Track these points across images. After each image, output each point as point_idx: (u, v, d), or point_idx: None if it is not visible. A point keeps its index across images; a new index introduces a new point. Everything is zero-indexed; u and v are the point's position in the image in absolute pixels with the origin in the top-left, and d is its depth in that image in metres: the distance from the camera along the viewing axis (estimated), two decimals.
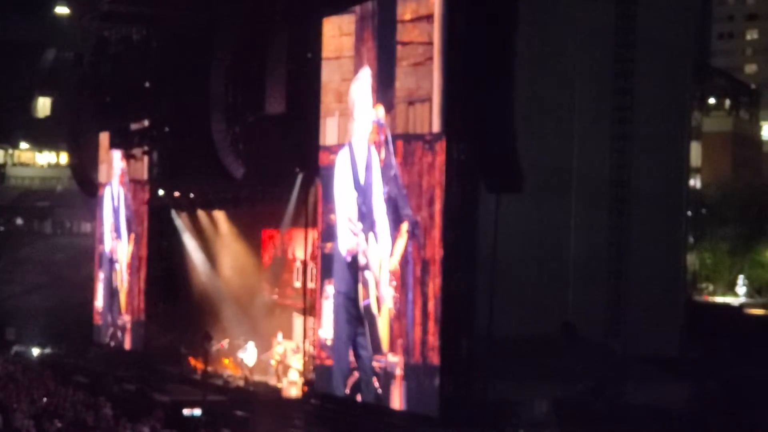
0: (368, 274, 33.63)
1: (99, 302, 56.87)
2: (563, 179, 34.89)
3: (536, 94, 33.49)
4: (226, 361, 43.53)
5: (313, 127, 36.88)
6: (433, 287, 30.59)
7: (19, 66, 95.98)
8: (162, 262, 50.25)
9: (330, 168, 36.01)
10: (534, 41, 32.66)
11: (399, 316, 32.00)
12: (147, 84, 50.62)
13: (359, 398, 33.84)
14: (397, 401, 32.05)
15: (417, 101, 31.76)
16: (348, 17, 35.53)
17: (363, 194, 34.13)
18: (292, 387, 38.48)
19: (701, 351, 38.18)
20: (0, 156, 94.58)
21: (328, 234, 36.12)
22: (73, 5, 61.40)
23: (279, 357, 40.98)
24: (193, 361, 44.06)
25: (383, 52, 33.55)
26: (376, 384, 32.95)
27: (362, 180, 34.21)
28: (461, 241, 30.43)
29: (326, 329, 36.07)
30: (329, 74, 36.31)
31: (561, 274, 34.80)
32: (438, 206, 30.60)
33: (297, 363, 39.28)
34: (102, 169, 56.63)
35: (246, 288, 45.54)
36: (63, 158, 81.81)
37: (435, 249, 30.63)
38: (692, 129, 46.46)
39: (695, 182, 65.72)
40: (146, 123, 50.21)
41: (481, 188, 29.94)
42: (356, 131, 34.67)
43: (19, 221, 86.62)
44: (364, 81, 34.21)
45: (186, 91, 44.28)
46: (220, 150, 40.91)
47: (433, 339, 30.48)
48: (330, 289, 35.88)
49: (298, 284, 40.90)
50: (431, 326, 30.55)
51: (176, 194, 49.68)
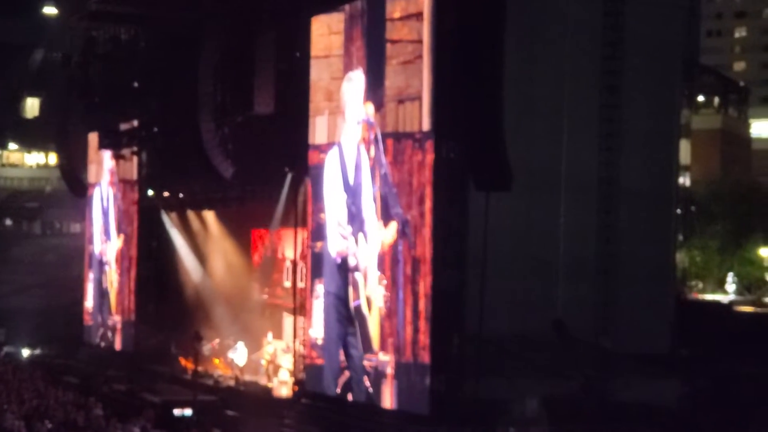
0: (358, 276, 33.68)
1: (89, 303, 56.88)
2: (552, 177, 34.88)
3: (525, 93, 33.47)
4: (217, 361, 43.55)
5: (303, 127, 36.93)
6: (424, 286, 30.63)
7: (7, 67, 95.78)
8: (152, 263, 50.29)
9: (319, 167, 36.04)
10: (523, 39, 32.68)
11: (390, 315, 32.04)
12: (136, 84, 50.67)
13: (350, 397, 33.89)
14: (388, 400, 32.10)
15: (407, 100, 31.80)
16: (337, 16, 35.55)
17: (352, 193, 34.17)
18: (283, 386, 38.53)
19: (691, 348, 38.24)
20: None
21: (318, 233, 36.15)
22: (61, 5, 61.55)
23: (269, 357, 41.02)
24: (184, 361, 44.09)
25: (373, 51, 33.59)
26: (367, 383, 33.00)
27: (352, 179, 34.24)
28: (451, 240, 30.49)
29: (317, 329, 36.10)
30: (318, 73, 36.33)
31: (551, 272, 34.80)
32: (428, 205, 30.64)
33: (287, 362, 39.30)
34: (91, 170, 56.64)
35: (236, 288, 45.60)
36: (52, 159, 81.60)
37: (425, 247, 30.67)
38: (681, 127, 46.53)
39: (684, 180, 65.87)
40: (135, 123, 50.20)
41: (471, 187, 29.97)
42: (346, 130, 34.72)
43: (8, 222, 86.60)
44: (357, 82, 34.24)
45: (175, 91, 44.31)
46: (210, 150, 40.94)
47: (424, 337, 30.52)
48: (320, 289, 35.92)
49: (288, 284, 40.95)
50: (422, 325, 30.59)
51: (166, 194, 49.75)
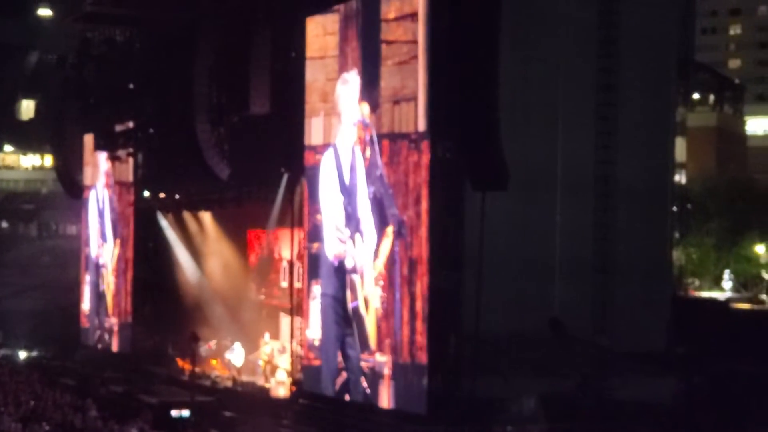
0: (355, 277, 33.72)
1: (86, 305, 56.93)
2: (548, 176, 34.89)
3: (520, 92, 33.48)
4: (214, 362, 43.59)
5: (298, 127, 36.97)
6: (421, 286, 30.70)
7: (2, 68, 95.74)
8: (148, 264, 50.30)
9: (315, 168, 36.09)
10: (518, 38, 32.68)
11: (387, 316, 32.08)
12: (131, 85, 50.66)
13: (347, 398, 33.95)
14: (386, 400, 32.16)
15: (402, 100, 31.86)
16: (332, 16, 35.62)
17: (348, 194, 34.22)
18: (280, 387, 38.54)
19: (688, 346, 38.27)
20: None
21: (315, 234, 36.21)
22: (56, 7, 61.58)
23: (267, 357, 41.04)
24: (181, 362, 44.17)
25: (368, 51, 33.66)
26: (364, 384, 33.05)
27: (347, 180, 34.30)
28: (447, 240, 30.59)
29: (314, 329, 36.15)
30: (313, 74, 36.38)
31: (547, 271, 34.81)
32: (424, 205, 30.71)
33: (285, 363, 39.34)
34: (87, 171, 56.65)
35: (233, 288, 45.65)
36: (48, 161, 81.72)
37: (422, 248, 30.73)
38: (677, 124, 46.53)
39: (680, 177, 65.91)
40: (131, 124, 50.18)
41: (467, 187, 30.05)
42: (341, 131, 34.77)
43: (4, 224, 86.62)
44: (352, 83, 34.28)
45: (170, 92, 44.32)
46: (205, 151, 40.97)
47: (421, 338, 30.58)
48: (317, 290, 35.99)
49: (285, 284, 40.98)
50: (419, 325, 30.65)
51: (162, 195, 49.79)
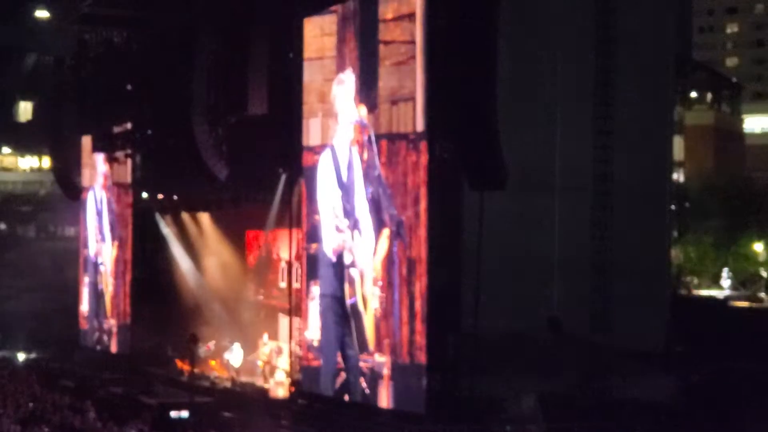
0: (354, 272, 33.76)
1: (84, 306, 56.90)
2: (546, 175, 34.98)
3: (518, 92, 33.55)
4: (213, 363, 43.61)
5: (296, 128, 36.98)
6: (420, 286, 30.71)
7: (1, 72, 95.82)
8: (147, 265, 50.29)
9: (313, 168, 36.12)
10: (515, 39, 32.75)
11: (386, 316, 32.10)
12: (129, 87, 50.61)
13: (346, 398, 33.97)
14: (385, 400, 32.18)
15: (400, 100, 31.88)
16: (329, 17, 35.61)
17: (346, 193, 34.27)
18: (279, 387, 38.59)
19: (687, 345, 38.34)
20: None
21: (313, 235, 36.24)
22: (53, 9, 61.48)
23: (265, 358, 41.09)
24: (180, 363, 44.16)
25: (365, 52, 33.65)
26: (363, 384, 33.08)
27: (345, 179, 34.35)
28: (446, 240, 30.62)
29: (313, 330, 36.16)
30: (311, 75, 36.39)
31: (546, 270, 34.89)
32: (423, 205, 30.72)
33: (284, 363, 39.37)
34: (85, 173, 56.64)
35: (231, 289, 45.71)
36: (46, 162, 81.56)
37: (421, 248, 30.74)
38: (674, 123, 46.78)
39: (678, 176, 66.11)
40: (129, 126, 50.15)
41: (465, 186, 30.11)
42: (339, 132, 34.81)
43: (2, 226, 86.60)
44: (348, 83, 34.32)
45: (168, 94, 44.30)
46: (203, 152, 40.98)
47: (420, 338, 30.59)
48: (316, 290, 35.98)
49: (284, 285, 41.02)
50: (418, 325, 30.65)
51: (160, 197, 49.86)
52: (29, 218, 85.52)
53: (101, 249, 54.68)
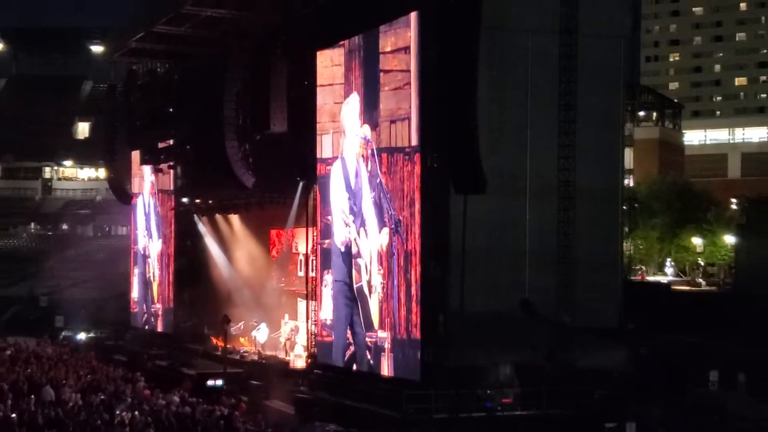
0: (360, 262, 33.82)
1: (135, 293, 57.02)
2: (519, 182, 35.00)
3: (495, 111, 33.53)
4: (243, 339, 43.70)
5: (311, 143, 37.05)
6: (415, 274, 30.79)
7: (61, 96, 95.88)
8: (187, 258, 50.36)
9: (326, 177, 36.18)
10: (493, 67, 32.74)
11: (387, 299, 32.19)
12: (170, 109, 50.71)
13: (354, 368, 34.01)
14: (386, 369, 32.25)
15: (398, 120, 31.94)
16: (338, 50, 35.70)
17: (354, 198, 34.32)
18: (298, 359, 38.67)
19: (636, 322, 38.42)
20: (47, 172, 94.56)
21: (326, 232, 36.30)
22: (106, 43, 61.40)
23: (287, 335, 41.17)
24: (215, 340, 44.21)
25: (368, 79, 33.72)
26: (369, 356, 33.16)
27: (353, 185, 34.40)
28: (436, 236, 30.57)
29: (326, 311, 36.21)
30: (323, 98, 36.47)
31: (519, 260, 34.87)
32: (417, 207, 30.79)
33: (302, 339, 39.45)
34: (134, 182, 56.76)
35: (257, 278, 45.72)
36: (101, 173, 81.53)
37: (415, 242, 30.82)
38: (625, 137, 46.66)
39: (629, 181, 66.32)
40: (171, 142, 50.27)
41: (452, 191, 30.07)
42: (347, 146, 34.88)
43: (65, 226, 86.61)
44: (354, 105, 34.40)
45: (203, 115, 44.36)
46: (233, 163, 41.00)
47: (415, 317, 30.69)
48: (329, 278, 36.03)
49: (302, 274, 40.99)
50: (414, 307, 30.74)
51: (197, 201, 49.86)
52: (87, 220, 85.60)
53: (148, 245, 54.78)
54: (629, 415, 28.45)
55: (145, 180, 54.76)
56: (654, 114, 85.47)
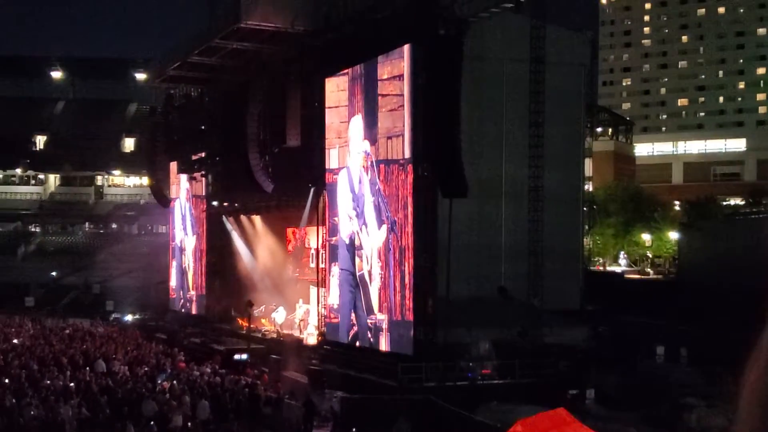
0: (362, 254, 33.85)
1: (173, 282, 56.96)
2: (496, 187, 35.12)
3: (475, 128, 33.63)
4: (264, 320, 43.66)
5: (321, 156, 37.07)
6: (408, 266, 30.85)
7: (110, 116, 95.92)
8: (216, 252, 50.28)
9: (333, 184, 36.20)
10: (473, 90, 32.78)
11: (384, 287, 32.25)
12: (202, 127, 50.74)
13: (357, 344, 34.05)
14: (384, 346, 32.31)
15: (393, 136, 32.00)
16: (343, 78, 35.74)
17: (357, 200, 34.36)
18: (310, 337, 38.69)
19: (595, 305, 38.52)
20: (99, 180, 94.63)
21: (333, 230, 36.34)
22: (148, 71, 61.51)
23: (301, 316, 41.19)
24: (241, 321, 44.21)
25: (368, 102, 33.76)
26: (369, 335, 33.20)
27: (357, 190, 34.44)
28: (426, 233, 30.66)
29: (333, 297, 36.24)
30: (331, 118, 36.49)
31: (496, 253, 34.99)
32: (410, 209, 30.85)
33: (313, 320, 39.48)
34: (172, 188, 56.70)
35: (276, 268, 45.71)
36: (144, 181, 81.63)
37: (408, 239, 30.89)
38: (585, 149, 46.74)
39: (588, 186, 66.24)
40: (203, 154, 50.29)
41: (439, 195, 30.16)
42: (351, 158, 34.91)
43: (114, 226, 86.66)
44: (357, 124, 34.44)
45: (230, 132, 44.42)
46: (255, 172, 41.09)
47: (409, 302, 30.75)
48: (335, 270, 36.06)
49: (313, 265, 41.00)
50: (407, 293, 30.82)
51: (225, 204, 49.87)
52: (133, 220, 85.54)
53: (184, 241, 54.76)
54: (589, 383, 28.54)
55: (181, 187, 54.74)
56: (609, 130, 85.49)
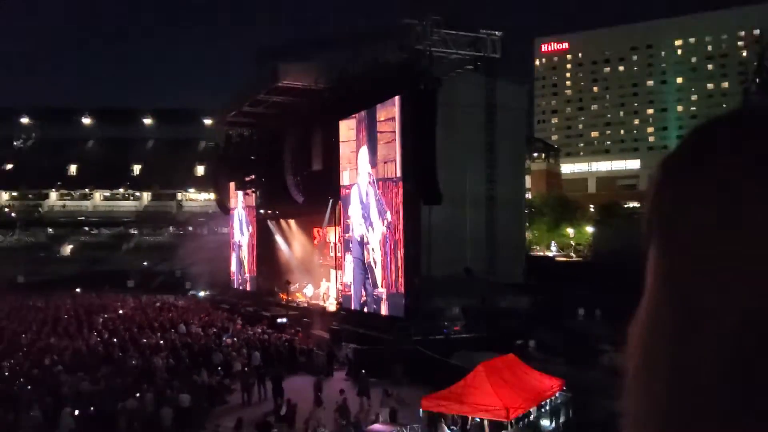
0: (369, 246, 33.77)
1: (233, 268, 56.80)
2: (461, 196, 34.99)
3: (447, 154, 33.43)
4: (298, 295, 43.61)
5: (337, 176, 37.01)
6: (400, 253, 30.80)
7: (186, 150, 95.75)
8: (264, 246, 50.15)
9: (347, 197, 36.07)
10: (445, 127, 32.64)
11: (384, 269, 32.16)
12: (252, 157, 50.68)
13: (365, 310, 34.00)
14: (384, 311, 32.22)
15: (388, 161, 31.97)
16: (352, 120, 35.66)
17: (365, 209, 34.29)
18: (331, 306, 38.62)
19: (535, 280, 38.42)
20: (179, 196, 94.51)
21: (347, 229, 36.23)
22: (213, 118, 61.52)
23: (324, 291, 41.12)
24: (281, 295, 44.18)
25: (370, 138, 33.69)
26: (374, 304, 33.11)
27: (364, 201, 34.38)
28: (412, 230, 30.62)
29: (348, 277, 36.13)
30: (344, 149, 36.35)
31: (463, 244, 34.88)
32: (401, 213, 30.82)
33: (333, 293, 39.40)
34: (232, 201, 56.63)
35: (306, 257, 45.70)
36: (212, 196, 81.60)
37: (400, 234, 30.84)
38: (526, 169, 46.75)
39: (528, 195, 66.37)
40: (253, 177, 50.23)
41: (421, 203, 30.13)
42: (360, 178, 34.82)
43: (190, 228, 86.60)
44: (363, 154, 34.38)
45: (272, 160, 44.40)
46: (290, 188, 41.20)
47: (401, 279, 30.69)
48: (349, 257, 35.95)
49: (332, 255, 41.02)
50: (400, 273, 30.76)
51: (269, 212, 49.82)
52: (204, 224, 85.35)
53: (241, 239, 54.67)
54: (530, 336, 28.42)
55: (238, 200, 54.62)
56: (542, 155, 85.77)
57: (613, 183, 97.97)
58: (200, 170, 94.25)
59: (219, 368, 24.90)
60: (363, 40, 35.37)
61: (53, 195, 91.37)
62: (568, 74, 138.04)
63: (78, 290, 61.00)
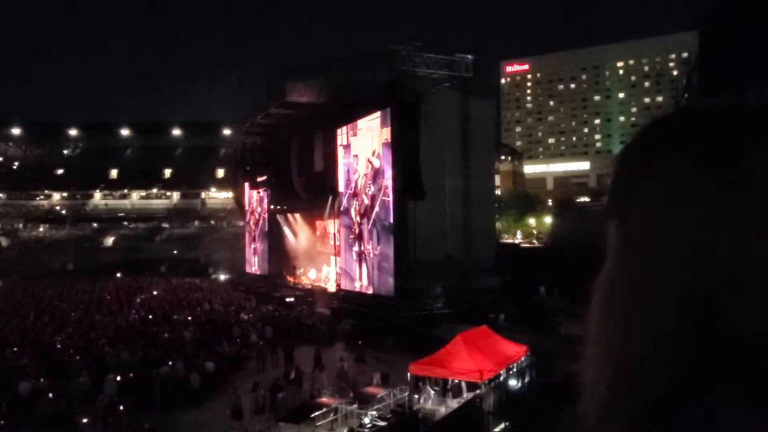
0: (363, 235, 33.49)
1: (248, 254, 56.46)
2: (441, 193, 34.77)
3: (430, 157, 33.18)
4: (303, 278, 43.36)
5: (335, 176, 36.70)
6: (391, 241, 30.55)
7: (208, 157, 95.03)
8: (274, 237, 49.83)
9: (343, 194, 35.80)
10: (427, 136, 32.42)
11: (375, 256, 31.89)
12: (264, 161, 50.32)
13: (361, 290, 33.76)
14: (377, 290, 32.01)
15: (379, 162, 31.60)
16: (345, 128, 35.36)
17: (359, 203, 34.00)
18: (331, 287, 38.35)
19: (503, 263, 38.35)
20: (203, 195, 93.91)
21: (344, 222, 35.95)
22: (231, 129, 61.01)
23: (325, 274, 40.84)
24: (289, 278, 43.92)
25: (363, 144, 33.37)
26: (368, 284, 32.86)
27: (359, 197, 34.06)
28: (401, 222, 30.47)
29: (345, 262, 35.91)
30: (340, 154, 36.09)
31: (443, 233, 34.65)
32: (391, 207, 30.63)
33: (333, 276, 39.16)
34: (246, 199, 56.24)
35: (309, 245, 45.41)
36: (230, 195, 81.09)
37: (391, 225, 30.60)
38: (495, 169, 46.58)
39: (498, 192, 66.30)
40: (264, 178, 49.83)
41: (408, 199, 29.96)
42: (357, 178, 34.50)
43: (212, 222, 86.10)
44: (358, 156, 34.02)
45: (281, 163, 44.07)
46: (296, 187, 40.84)
47: (391, 263, 30.47)
48: (345, 245, 35.70)
49: (332, 243, 40.80)
50: (390, 258, 30.52)
51: (278, 207, 49.49)
52: (224, 218, 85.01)
53: (254, 230, 54.30)
54: (500, 311, 28.34)
55: (253, 198, 54.22)
56: (509, 157, 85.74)
57: (568, 181, 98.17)
58: (220, 173, 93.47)
59: (238, 340, 24.74)
60: (357, 62, 35.23)
61: (97, 195, 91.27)
62: (529, 91, 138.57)
63: (119, 275, 60.89)
